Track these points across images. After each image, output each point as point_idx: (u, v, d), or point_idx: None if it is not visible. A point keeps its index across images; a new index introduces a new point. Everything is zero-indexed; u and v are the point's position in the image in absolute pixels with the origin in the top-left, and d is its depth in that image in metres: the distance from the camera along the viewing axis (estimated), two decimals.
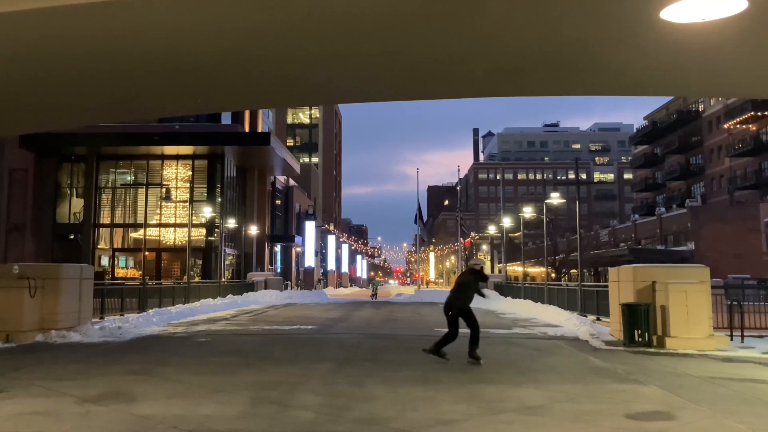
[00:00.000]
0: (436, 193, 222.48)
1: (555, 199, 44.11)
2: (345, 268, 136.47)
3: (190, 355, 16.67)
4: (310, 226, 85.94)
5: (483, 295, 16.42)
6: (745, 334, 19.61)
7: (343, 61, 15.01)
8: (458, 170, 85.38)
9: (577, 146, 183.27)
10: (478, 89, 19.00)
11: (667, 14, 11.43)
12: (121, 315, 26.32)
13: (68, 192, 55.36)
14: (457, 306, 15.66)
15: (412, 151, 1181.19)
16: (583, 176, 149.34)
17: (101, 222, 54.30)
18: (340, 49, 14.01)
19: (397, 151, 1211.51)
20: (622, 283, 20.27)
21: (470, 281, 15.87)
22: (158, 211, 53.85)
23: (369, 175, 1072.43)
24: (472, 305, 15.83)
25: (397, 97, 20.33)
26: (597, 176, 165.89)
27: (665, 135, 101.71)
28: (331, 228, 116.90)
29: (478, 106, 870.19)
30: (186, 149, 53.35)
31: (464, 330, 15.47)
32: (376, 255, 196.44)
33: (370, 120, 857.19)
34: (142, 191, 53.99)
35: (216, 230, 53.03)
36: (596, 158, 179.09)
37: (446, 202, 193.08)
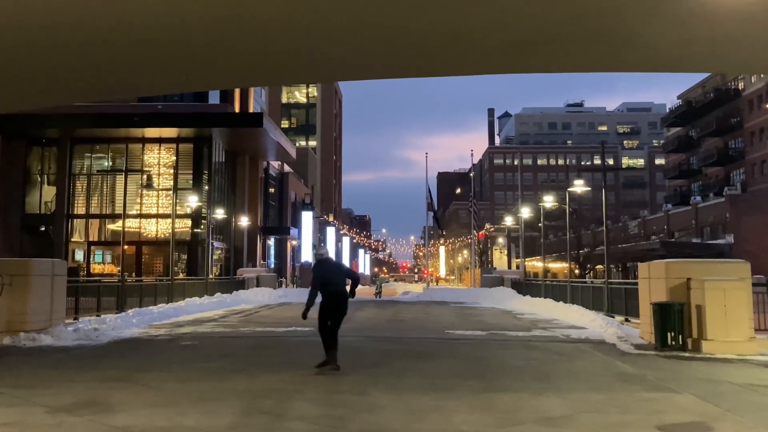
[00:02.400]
0: (446, 180, 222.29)
1: (579, 187, 44.03)
2: (346, 264, 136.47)
3: (174, 359, 16.69)
4: (307, 217, 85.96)
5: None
6: None
7: (343, 34, 14.97)
8: (471, 155, 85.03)
9: (604, 128, 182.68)
10: (493, 65, 18.96)
11: None
12: (98, 315, 26.33)
13: (38, 179, 55.44)
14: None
15: (417, 134, 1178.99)
16: (610, 161, 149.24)
17: (75, 212, 54.38)
18: (339, 20, 13.97)
19: (401, 134, 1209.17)
20: (654, 280, 20.23)
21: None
22: (138, 200, 53.88)
23: (369, 160, 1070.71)
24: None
25: (402, 74, 20.29)
26: (625, 162, 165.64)
27: (701, 116, 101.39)
28: (331, 219, 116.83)
29: (491, 85, 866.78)
30: (169, 131, 53.35)
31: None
32: (380, 249, 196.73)
33: (369, 100, 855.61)
34: (120, 178, 53.96)
35: (203, 221, 53.04)
36: (624, 141, 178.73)
37: (458, 191, 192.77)
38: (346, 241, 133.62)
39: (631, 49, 16.37)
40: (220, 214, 54.47)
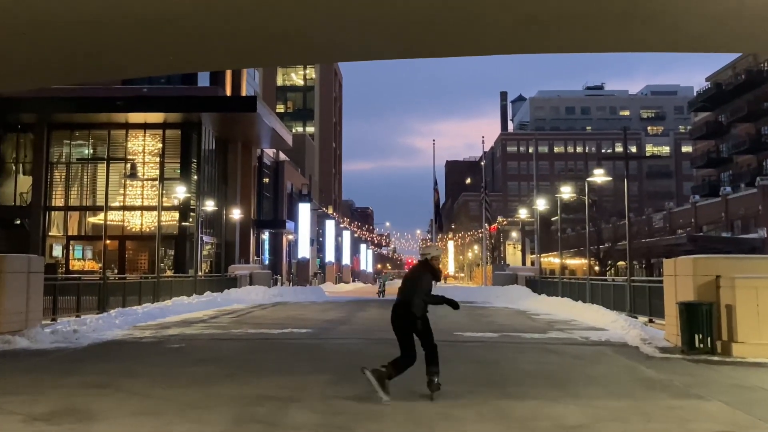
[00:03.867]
0: (455, 169, 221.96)
1: (599, 176, 43.97)
2: (347, 260, 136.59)
3: (161, 364, 16.69)
4: (304, 210, 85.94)
5: (432, 302, 13.27)
6: None
7: (344, 11, 14.93)
8: (482, 142, 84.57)
9: (626, 113, 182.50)
10: (506, 45, 18.91)
11: None
12: (78, 316, 26.37)
13: (13, 168, 55.39)
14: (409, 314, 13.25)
15: (420, 120, 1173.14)
16: (633, 149, 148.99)
17: (53, 204, 54.37)
18: None
19: (402, 119, 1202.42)
20: (680, 278, 20.20)
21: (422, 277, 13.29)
22: (122, 191, 53.84)
23: (369, 148, 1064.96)
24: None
25: (406, 55, 20.25)
26: (649, 149, 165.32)
27: (731, 99, 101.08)
28: (330, 211, 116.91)
29: (502, 66, 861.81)
30: (155, 117, 53.30)
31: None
32: (383, 244, 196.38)
33: (367, 83, 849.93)
34: (102, 167, 53.97)
35: (191, 214, 53.03)
36: (648, 127, 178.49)
37: (468, 181, 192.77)
38: (346, 235, 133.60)
39: (654, 27, 16.31)
40: (210, 206, 54.39)
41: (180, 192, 49.27)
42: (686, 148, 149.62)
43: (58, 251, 54.20)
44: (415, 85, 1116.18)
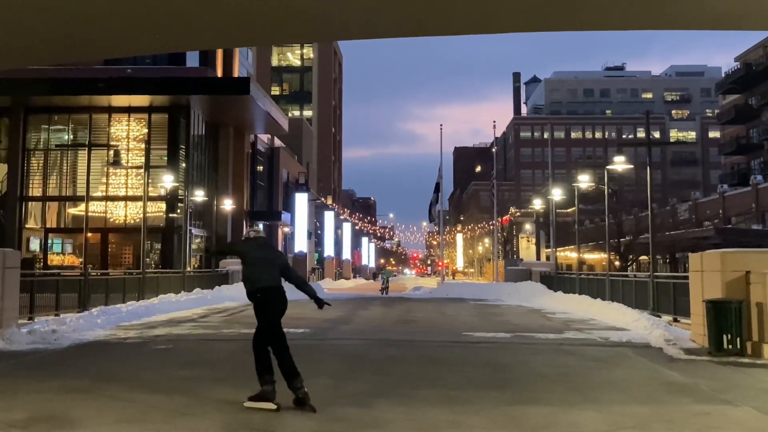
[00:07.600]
0: (464, 156, 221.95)
1: (619, 164, 43.95)
2: (347, 255, 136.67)
3: (146, 367, 16.68)
4: (301, 200, 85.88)
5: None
6: None
7: None
8: (494, 127, 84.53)
9: (648, 96, 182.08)
10: (520, 21, 18.86)
11: None
12: (57, 315, 26.34)
13: None
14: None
15: (421, 105, 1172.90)
16: (656, 134, 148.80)
17: (30, 194, 54.34)
18: None
19: (402, 104, 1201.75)
20: (707, 274, 20.18)
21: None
22: (104, 179, 53.79)
23: (366, 134, 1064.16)
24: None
25: (414, 33, 20.19)
26: (674, 134, 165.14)
27: (762, 81, 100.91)
28: (329, 202, 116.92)
29: (513, 46, 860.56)
30: (140, 99, 53.23)
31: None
32: (387, 237, 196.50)
33: (363, 64, 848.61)
34: (83, 154, 53.89)
35: (179, 205, 52.98)
36: (673, 111, 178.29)
37: (478, 169, 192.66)
38: (347, 227, 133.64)
39: (680, 2, 16.26)
40: (199, 196, 54.33)
41: (167, 181, 49.06)
42: (714, 134, 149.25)
43: (35, 245, 54.17)
44: (414, 66, 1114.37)
